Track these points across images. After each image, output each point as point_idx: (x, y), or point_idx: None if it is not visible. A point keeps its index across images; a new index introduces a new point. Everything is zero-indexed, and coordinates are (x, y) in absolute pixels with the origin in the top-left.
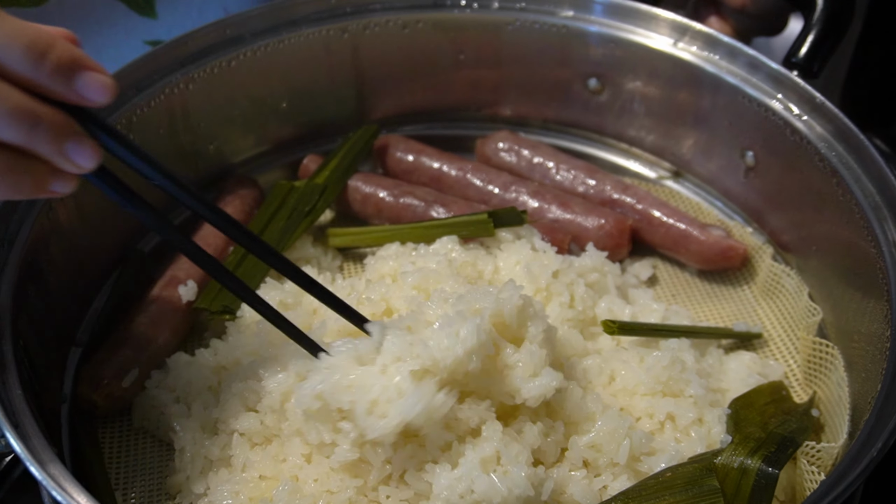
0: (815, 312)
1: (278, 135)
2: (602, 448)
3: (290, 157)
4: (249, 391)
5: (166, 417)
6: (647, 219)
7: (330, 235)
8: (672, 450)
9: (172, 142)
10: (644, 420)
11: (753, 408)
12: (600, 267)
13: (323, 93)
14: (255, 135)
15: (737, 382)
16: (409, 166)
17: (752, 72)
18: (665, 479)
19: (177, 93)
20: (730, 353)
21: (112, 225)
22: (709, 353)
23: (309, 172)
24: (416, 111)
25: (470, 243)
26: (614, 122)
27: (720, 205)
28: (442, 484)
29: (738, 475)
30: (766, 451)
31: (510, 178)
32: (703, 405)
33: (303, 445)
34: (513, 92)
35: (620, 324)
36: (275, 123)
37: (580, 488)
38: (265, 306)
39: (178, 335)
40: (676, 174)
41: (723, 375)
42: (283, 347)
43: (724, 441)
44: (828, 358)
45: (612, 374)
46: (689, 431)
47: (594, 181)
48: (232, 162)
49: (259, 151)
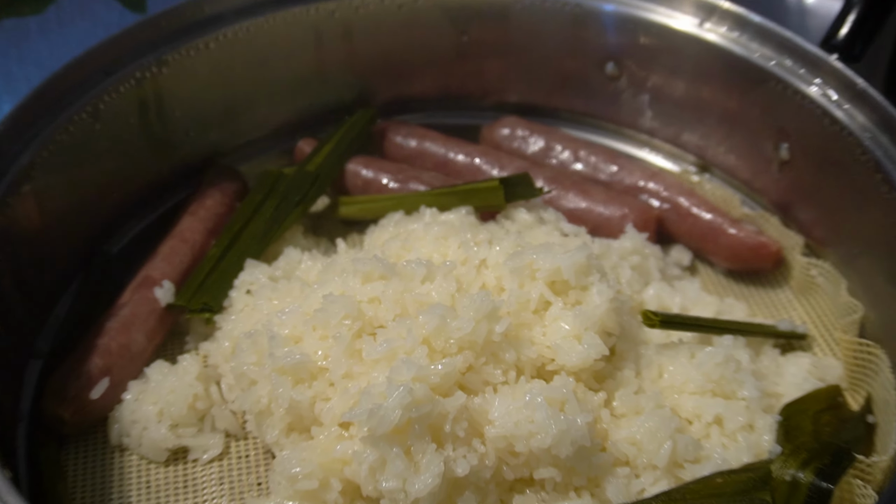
0: (856, 309)
1: (265, 123)
2: (642, 446)
3: (279, 146)
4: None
5: (151, 433)
6: (674, 208)
7: (341, 204)
8: (718, 457)
9: (145, 132)
10: (690, 422)
11: (806, 415)
12: (641, 249)
13: (313, 79)
14: (238, 123)
15: (792, 388)
16: (411, 153)
17: (787, 55)
18: (714, 484)
19: (149, 77)
20: (787, 354)
21: (76, 223)
22: (764, 353)
23: (304, 156)
24: (415, 99)
25: (489, 222)
26: (633, 110)
27: (751, 202)
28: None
29: (789, 489)
30: (819, 464)
31: (524, 164)
32: (755, 409)
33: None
34: (521, 77)
35: (663, 316)
36: (261, 111)
37: (615, 487)
38: None
39: (155, 341)
40: (702, 168)
41: (779, 378)
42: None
43: (772, 451)
44: (872, 359)
45: (660, 368)
46: (737, 437)
47: (616, 167)
48: (213, 152)
49: (244, 141)
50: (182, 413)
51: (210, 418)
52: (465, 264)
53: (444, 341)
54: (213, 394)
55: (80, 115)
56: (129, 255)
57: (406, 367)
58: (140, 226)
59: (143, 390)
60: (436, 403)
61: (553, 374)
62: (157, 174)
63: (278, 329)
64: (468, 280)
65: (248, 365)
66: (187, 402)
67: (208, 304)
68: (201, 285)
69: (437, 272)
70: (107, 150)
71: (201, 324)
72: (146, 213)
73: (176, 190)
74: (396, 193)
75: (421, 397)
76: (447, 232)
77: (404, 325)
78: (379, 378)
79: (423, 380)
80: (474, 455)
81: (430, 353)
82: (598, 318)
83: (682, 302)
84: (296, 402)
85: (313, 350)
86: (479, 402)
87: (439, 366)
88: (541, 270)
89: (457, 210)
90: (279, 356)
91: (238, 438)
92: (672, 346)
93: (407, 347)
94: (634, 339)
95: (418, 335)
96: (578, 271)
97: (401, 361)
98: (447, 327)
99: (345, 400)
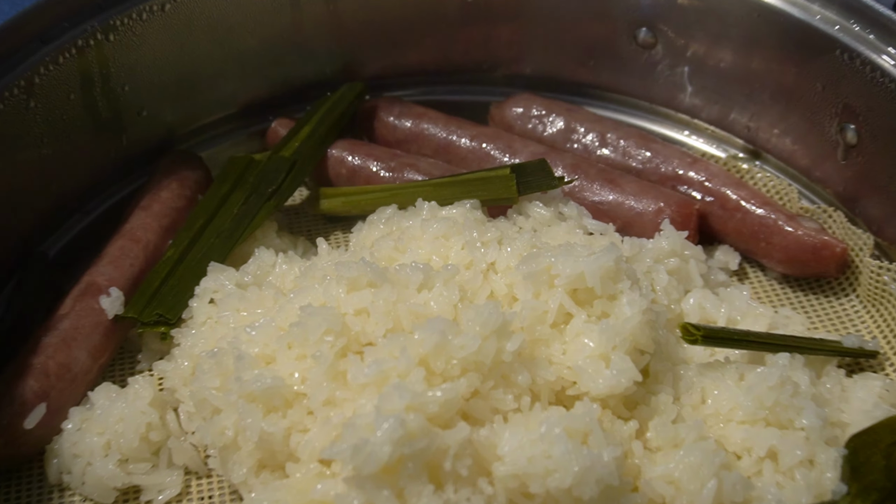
0: None
1: (232, 101)
2: (682, 485)
3: (249, 128)
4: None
5: (96, 469)
6: (719, 201)
7: (322, 196)
8: (772, 498)
9: (88, 111)
10: (739, 456)
11: (877, 448)
12: (680, 250)
13: (289, 47)
14: (199, 101)
15: (860, 415)
16: (406, 135)
17: (854, 18)
18: None
19: (94, 45)
20: (854, 375)
21: (7, 219)
22: (826, 375)
23: (279, 139)
24: (411, 71)
25: (499, 218)
26: (670, 85)
27: (811, 194)
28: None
29: None
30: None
31: (539, 149)
32: (816, 441)
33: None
34: (536, 46)
35: (706, 330)
36: (227, 86)
37: None
38: None
39: (101, 360)
40: (753, 154)
41: (844, 405)
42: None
43: (836, 492)
44: None
45: (703, 393)
46: (795, 474)
47: (650, 152)
48: (170, 135)
49: (206, 122)
50: (133, 446)
51: (166, 452)
52: (469, 269)
53: (444, 362)
54: (169, 423)
55: (10, 91)
56: (70, 258)
57: (398, 394)
58: (83, 222)
59: (87, 418)
60: (433, 437)
61: (574, 400)
62: (103, 161)
63: (247, 347)
64: (473, 288)
65: (210, 390)
66: (139, 432)
67: (164, 315)
68: (156, 293)
69: (437, 278)
70: (43, 133)
71: (156, 339)
72: (90, 208)
73: (126, 180)
74: (388, 184)
75: (416, 430)
76: (448, 230)
77: (397, 343)
78: (366, 406)
79: (419, 409)
80: (480, 497)
81: (427, 377)
82: (629, 333)
83: (728, 313)
84: (267, 434)
85: (288, 372)
86: (486, 433)
87: (438, 392)
88: (560, 276)
89: (460, 204)
90: (247, 380)
91: (199, 476)
92: (717, 365)
93: (400, 369)
94: (672, 357)
95: (414, 355)
96: (605, 277)
97: (392, 387)
98: (448, 345)
99: (326, 432)
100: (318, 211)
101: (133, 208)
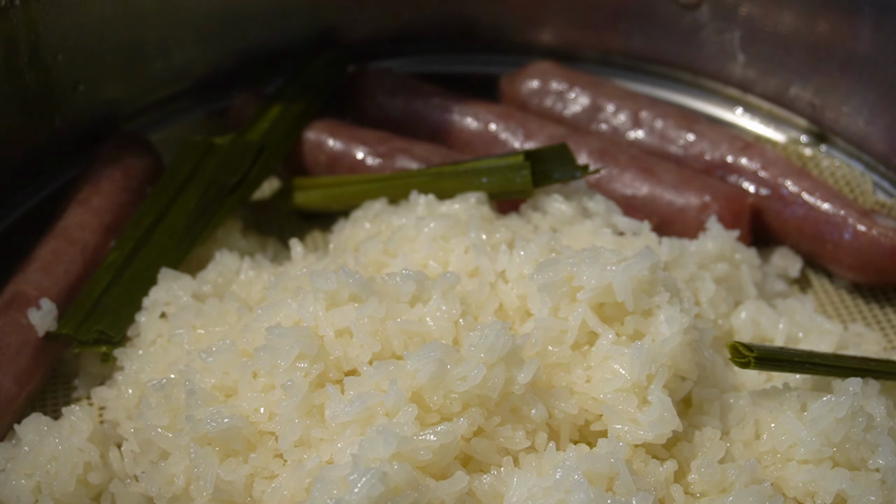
0: None
1: (186, 73)
2: None
3: (206, 105)
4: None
5: None
6: (776, 194)
7: (296, 189)
8: None
9: (12, 83)
10: (801, 503)
11: None
12: (730, 254)
13: (255, 7)
14: (146, 72)
15: None
16: (398, 113)
17: None
18: None
19: (18, 6)
20: None
21: None
22: None
23: (244, 120)
24: (404, 37)
25: (510, 215)
26: (718, 53)
27: (889, 185)
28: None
29: None
30: None
31: (559, 131)
32: (893, 486)
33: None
34: (556, 5)
35: (761, 351)
36: (180, 55)
37: None
38: None
39: (29, 386)
40: (818, 137)
41: None
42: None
43: None
44: None
45: (757, 426)
46: None
47: (693, 136)
48: (112, 114)
49: (155, 98)
50: (68, 490)
51: (108, 498)
52: (474, 277)
53: (442, 397)
54: (112, 462)
55: None
56: None
57: (383, 440)
58: (7, 220)
59: (13, 456)
60: (424, 491)
61: (599, 436)
62: (31, 145)
63: (202, 377)
64: (478, 301)
65: (157, 429)
66: (76, 473)
67: (105, 332)
68: (96, 306)
69: (434, 289)
70: None
71: (96, 361)
72: (16, 202)
73: (59, 168)
74: (377, 173)
75: (401, 483)
76: (449, 229)
77: (385, 373)
78: (345, 452)
79: (408, 457)
80: None
81: (420, 415)
82: (668, 359)
83: (788, 329)
84: (225, 483)
85: (252, 407)
86: (491, 481)
87: (432, 436)
88: (584, 288)
89: (463, 198)
90: (200, 419)
91: None
92: (774, 393)
93: (388, 406)
94: (720, 383)
95: (405, 388)
96: (638, 290)
97: (376, 431)
98: (447, 376)
99: (297, 478)
100: (291, 206)
101: (68, 203)
